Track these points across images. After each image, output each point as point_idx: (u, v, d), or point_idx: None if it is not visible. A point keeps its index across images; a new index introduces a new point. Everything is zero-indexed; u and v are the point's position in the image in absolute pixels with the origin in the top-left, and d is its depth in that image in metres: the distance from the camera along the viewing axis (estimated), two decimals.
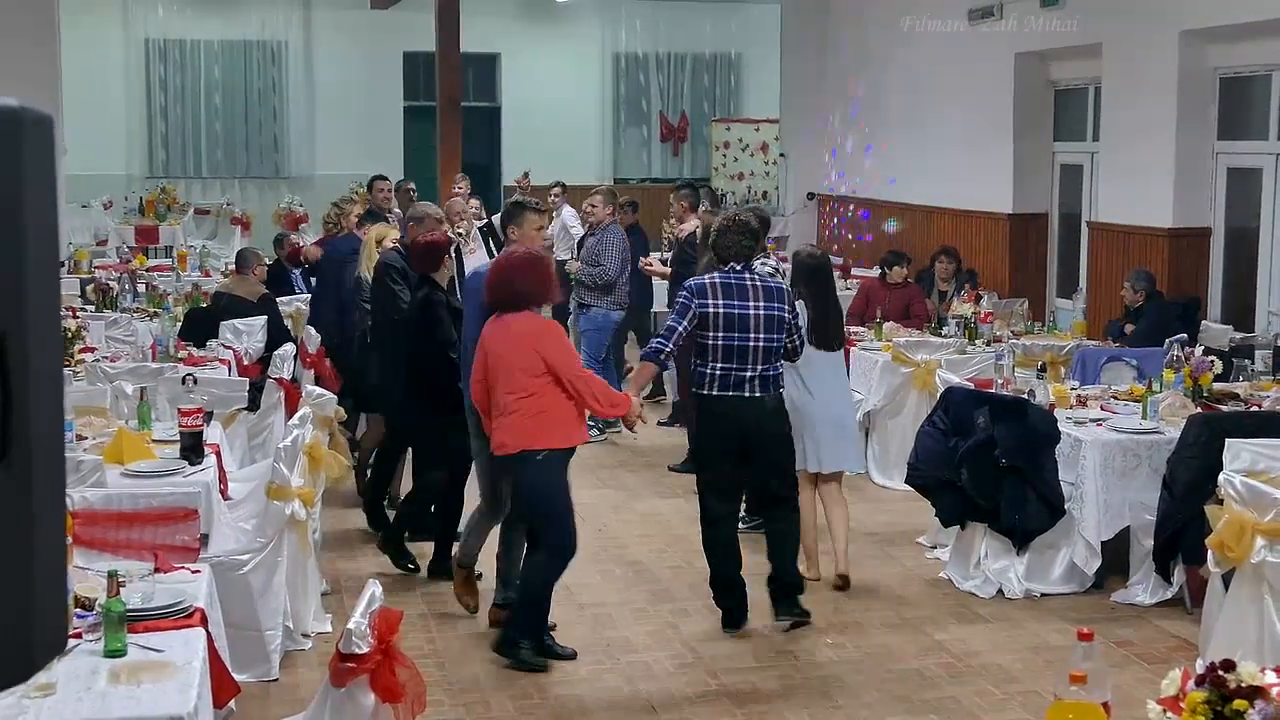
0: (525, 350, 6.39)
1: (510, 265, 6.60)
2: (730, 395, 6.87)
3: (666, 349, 6.90)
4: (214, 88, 22.20)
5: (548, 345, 6.45)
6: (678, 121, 24.10)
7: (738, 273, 6.97)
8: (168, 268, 14.57)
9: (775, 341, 6.91)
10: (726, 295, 6.87)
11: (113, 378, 8.30)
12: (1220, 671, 3.22)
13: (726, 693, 6.32)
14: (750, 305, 6.86)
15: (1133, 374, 9.28)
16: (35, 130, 1.41)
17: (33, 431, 1.42)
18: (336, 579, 7.79)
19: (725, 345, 6.84)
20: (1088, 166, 13.00)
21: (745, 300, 6.87)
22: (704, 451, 7.19)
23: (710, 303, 6.84)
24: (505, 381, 6.43)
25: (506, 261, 6.67)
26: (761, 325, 6.85)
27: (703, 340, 6.89)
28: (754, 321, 6.84)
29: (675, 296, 7.28)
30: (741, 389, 6.88)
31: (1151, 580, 7.43)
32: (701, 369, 6.95)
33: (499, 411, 6.48)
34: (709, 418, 7.03)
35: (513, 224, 7.16)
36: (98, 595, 4.47)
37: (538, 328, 6.52)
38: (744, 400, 6.89)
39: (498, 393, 6.47)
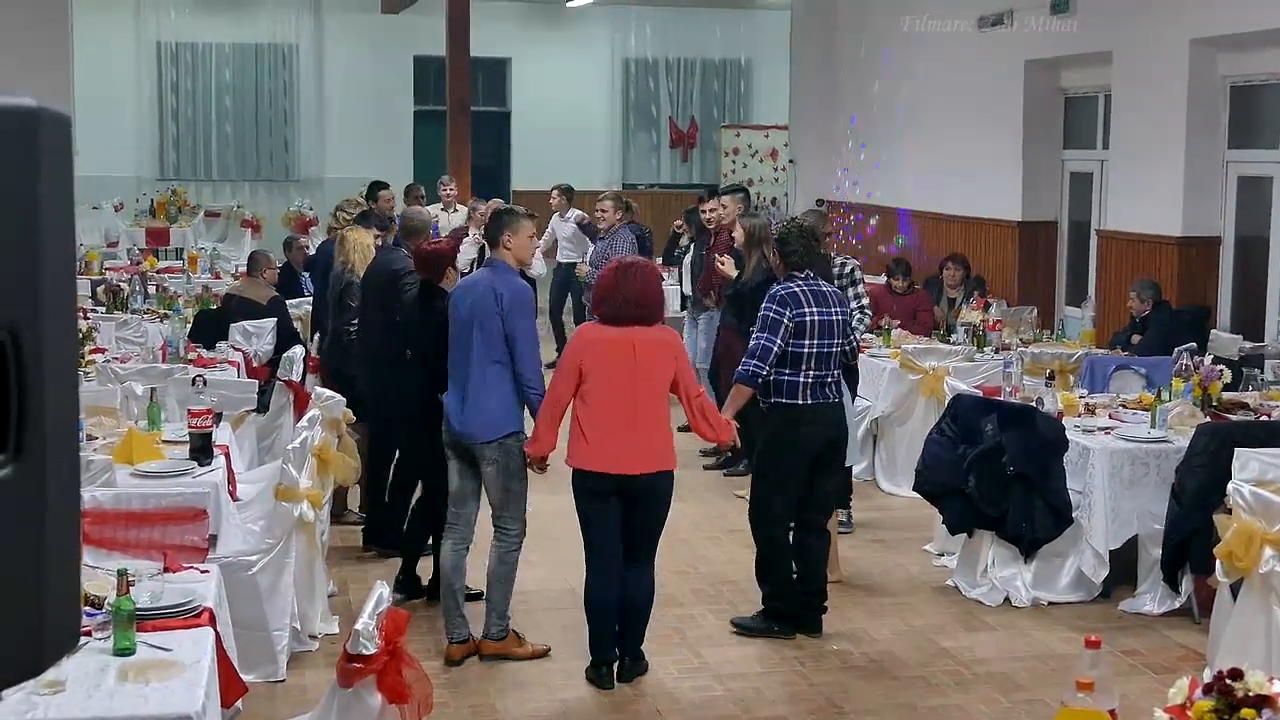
0: (664, 363, 6.25)
1: (637, 276, 6.32)
2: (821, 403, 6.89)
3: (764, 372, 6.81)
4: (225, 90, 22.27)
5: (683, 359, 6.43)
6: (687, 127, 24.12)
7: (813, 279, 7.00)
8: (178, 270, 14.61)
9: (849, 345, 7.11)
10: (817, 302, 6.89)
11: (123, 378, 8.33)
12: (1228, 680, 3.22)
13: (732, 698, 6.32)
14: (831, 311, 6.93)
15: (1141, 383, 9.27)
16: (53, 130, 1.42)
17: (47, 429, 1.43)
18: (344, 580, 7.79)
19: (818, 352, 6.86)
20: (1097, 174, 12.99)
21: (827, 306, 6.93)
22: (785, 461, 7.02)
23: (805, 310, 6.84)
24: (641, 393, 6.20)
25: (633, 271, 6.33)
26: (839, 330, 6.95)
27: (797, 348, 6.82)
28: (836, 327, 6.92)
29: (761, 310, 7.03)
30: (827, 395, 6.96)
31: (1159, 589, 7.42)
32: (791, 378, 6.85)
33: (620, 427, 6.21)
34: (797, 426, 6.91)
35: (507, 231, 6.70)
36: (107, 594, 4.49)
37: (675, 341, 6.47)
38: (830, 405, 6.98)
39: (613, 406, 6.21)
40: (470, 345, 6.52)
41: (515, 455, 6.55)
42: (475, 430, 6.52)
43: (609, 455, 6.23)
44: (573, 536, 8.50)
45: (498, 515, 6.66)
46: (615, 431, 6.21)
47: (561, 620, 7.11)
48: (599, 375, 6.21)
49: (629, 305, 6.22)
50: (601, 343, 6.27)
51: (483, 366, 6.49)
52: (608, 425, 6.21)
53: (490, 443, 6.52)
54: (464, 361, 6.56)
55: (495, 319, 6.47)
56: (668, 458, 6.32)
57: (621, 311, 6.22)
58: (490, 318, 6.46)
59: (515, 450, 6.54)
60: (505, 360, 6.48)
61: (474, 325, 6.51)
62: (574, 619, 7.20)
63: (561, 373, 6.33)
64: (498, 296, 6.46)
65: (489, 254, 6.93)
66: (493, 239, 6.77)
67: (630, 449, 6.22)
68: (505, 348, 6.49)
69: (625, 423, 6.20)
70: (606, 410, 6.21)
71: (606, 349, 6.23)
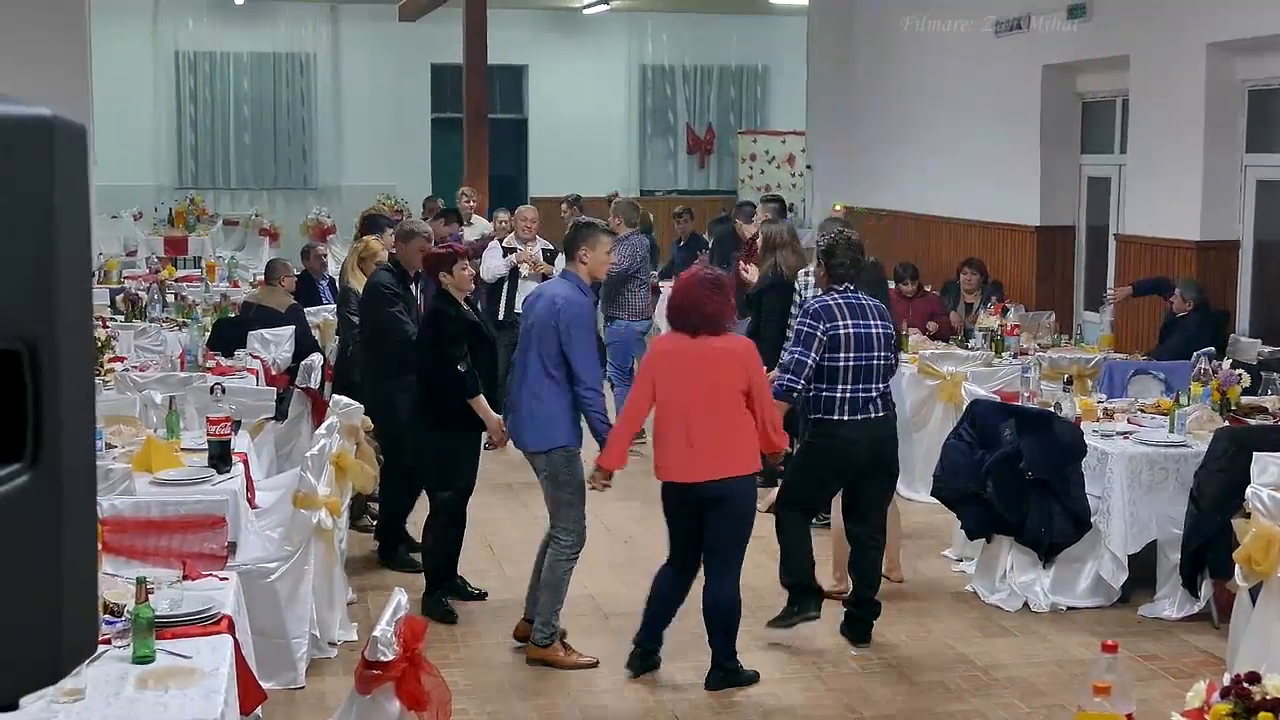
0: (737, 370, 6.27)
1: (712, 285, 6.36)
2: (860, 419, 6.81)
3: (798, 386, 6.79)
4: (243, 99, 22.33)
5: (756, 365, 6.39)
6: (704, 133, 24.11)
7: (853, 292, 6.95)
8: (196, 278, 14.64)
9: (890, 359, 6.96)
10: (854, 315, 6.84)
11: (142, 387, 8.35)
12: (1245, 684, 3.21)
13: (751, 704, 6.32)
14: (871, 324, 6.87)
15: (1160, 387, 9.25)
16: (68, 140, 1.43)
17: (64, 438, 1.44)
18: (363, 587, 7.81)
19: (856, 366, 6.79)
20: (1115, 179, 12.96)
21: (866, 319, 6.86)
22: (814, 473, 7.06)
23: (840, 324, 6.79)
24: (714, 401, 6.24)
25: (702, 281, 6.38)
26: (880, 344, 6.86)
27: (832, 363, 6.77)
28: (876, 340, 6.85)
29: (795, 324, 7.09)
30: (869, 410, 6.85)
31: (1178, 594, 7.40)
32: (828, 393, 6.81)
33: (703, 435, 6.24)
34: (833, 440, 6.87)
35: (584, 245, 6.75)
36: (126, 601, 4.50)
37: (747, 347, 6.48)
38: (871, 421, 6.86)
39: (688, 417, 6.24)
40: (529, 355, 6.61)
41: (563, 467, 6.62)
42: (526, 440, 6.66)
43: (682, 464, 6.28)
44: (593, 545, 8.51)
45: (551, 524, 6.80)
46: (687, 441, 6.24)
47: (581, 627, 7.12)
48: (673, 386, 6.28)
49: (702, 316, 6.27)
50: (674, 354, 6.34)
51: (539, 378, 6.56)
52: (681, 435, 6.25)
53: (539, 453, 6.63)
54: (523, 371, 6.65)
55: (553, 331, 6.52)
56: (741, 465, 6.28)
57: (693, 322, 6.28)
58: (549, 329, 6.53)
59: (562, 462, 6.61)
60: (561, 374, 6.54)
61: (534, 336, 6.59)
62: (593, 625, 7.21)
63: (638, 387, 6.43)
64: (557, 309, 6.52)
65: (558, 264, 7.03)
66: (569, 252, 6.86)
67: (702, 458, 6.24)
68: (561, 362, 6.54)
69: (698, 432, 6.23)
70: (679, 420, 6.25)
71: (679, 359, 6.30)
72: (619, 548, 8.76)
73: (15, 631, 1.40)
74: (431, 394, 7.29)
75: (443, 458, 7.35)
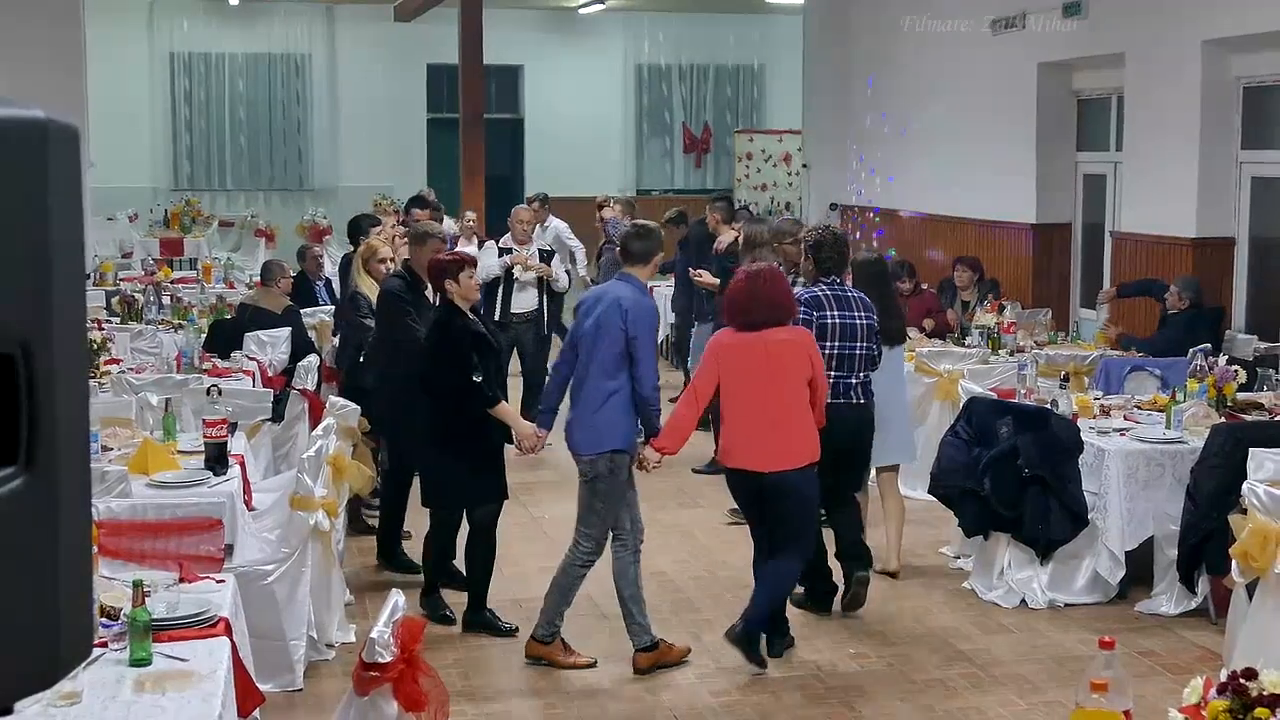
0: (804, 360, 6.56)
1: (768, 283, 6.59)
2: (839, 402, 7.13)
3: None
4: (238, 100, 22.32)
5: (817, 355, 6.70)
6: (700, 133, 24.12)
7: (839, 285, 7.39)
8: (192, 280, 14.63)
9: (872, 350, 7.36)
10: (839, 307, 7.27)
11: (138, 389, 8.35)
12: (1242, 680, 3.22)
13: (750, 703, 6.32)
14: (855, 315, 7.28)
15: (1156, 384, 9.26)
16: (60, 141, 1.43)
17: (59, 441, 1.44)
18: (360, 589, 7.80)
19: (839, 354, 7.19)
20: (1111, 176, 12.97)
21: (849, 311, 7.29)
22: None
23: (827, 314, 7.21)
24: (771, 395, 6.46)
25: (763, 277, 6.61)
26: (863, 335, 7.29)
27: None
28: (859, 331, 7.27)
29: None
30: (850, 396, 7.26)
31: (1176, 590, 7.41)
32: None
33: (765, 426, 6.47)
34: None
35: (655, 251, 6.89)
36: (123, 605, 4.50)
37: (809, 337, 6.77)
38: (851, 406, 7.24)
39: (756, 407, 6.44)
40: (590, 358, 6.57)
41: (605, 473, 6.58)
42: (577, 442, 6.64)
43: (748, 453, 6.54)
44: None
45: (576, 526, 6.72)
46: (754, 431, 6.51)
47: (576, 628, 7.12)
48: (738, 378, 6.51)
49: (763, 309, 6.51)
50: (738, 347, 6.55)
51: (597, 381, 6.56)
52: (747, 425, 6.51)
53: (587, 457, 6.60)
54: (582, 374, 6.62)
55: (619, 335, 6.52)
56: (811, 453, 6.58)
57: (757, 316, 6.50)
58: (615, 332, 6.53)
59: (606, 468, 6.57)
60: (620, 378, 6.54)
61: (595, 338, 6.56)
62: (591, 626, 7.21)
63: (703, 379, 6.61)
64: (623, 312, 6.52)
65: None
66: (634, 255, 6.80)
67: (768, 447, 6.50)
68: (622, 365, 6.53)
69: (765, 422, 6.49)
70: (746, 411, 6.51)
71: (743, 353, 6.52)
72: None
73: (10, 635, 1.39)
74: (441, 409, 7.01)
75: (464, 474, 7.06)
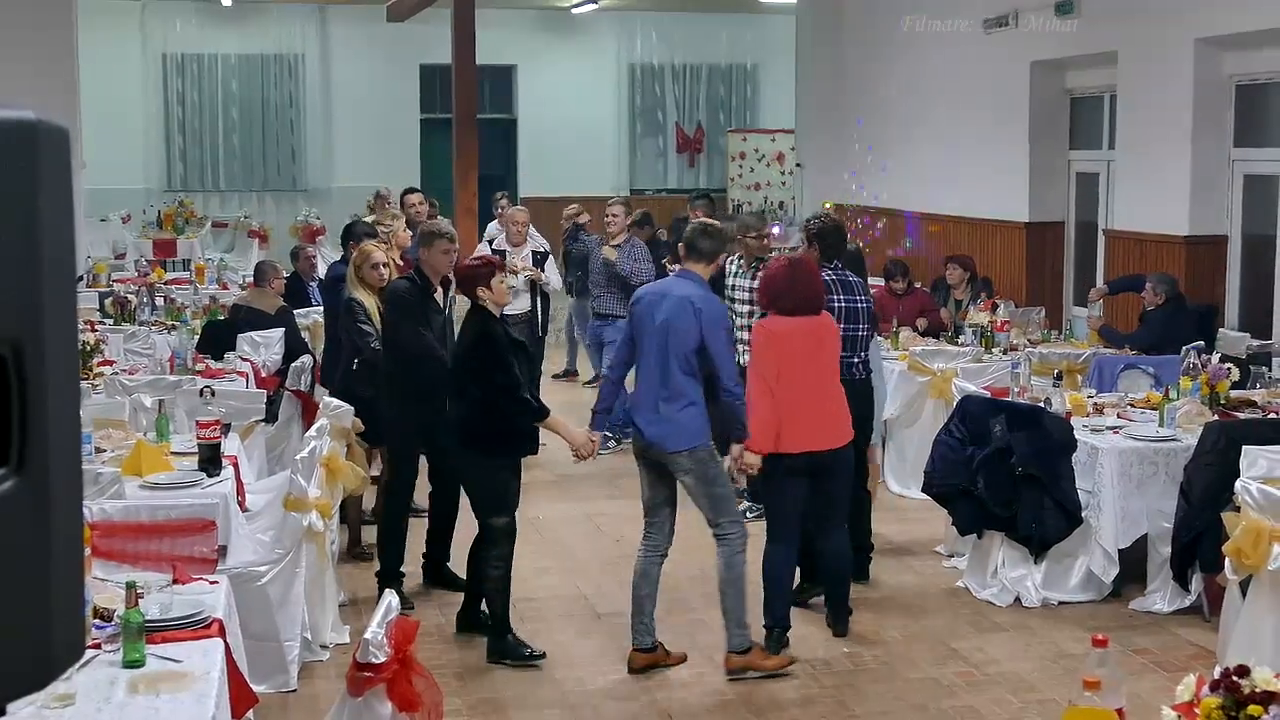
0: (838, 343, 7.01)
1: (807, 270, 6.91)
2: (845, 379, 7.31)
3: None
4: (231, 101, 22.32)
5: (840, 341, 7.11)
6: (694, 132, 24.13)
7: (840, 269, 7.71)
8: (186, 281, 14.61)
9: (870, 330, 7.78)
10: (842, 290, 7.59)
11: (131, 390, 8.34)
12: (1234, 677, 3.22)
13: (744, 702, 6.33)
14: (856, 298, 7.63)
15: (1149, 382, 9.26)
16: (51, 143, 1.43)
17: (50, 442, 1.44)
18: (355, 589, 7.80)
19: (845, 335, 7.36)
20: (1104, 175, 12.98)
21: (852, 294, 7.64)
22: None
23: (834, 298, 7.46)
24: (818, 378, 6.79)
25: (804, 267, 6.94)
26: (864, 317, 7.65)
27: None
28: (860, 313, 7.62)
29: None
30: (852, 374, 7.51)
31: (1169, 588, 7.42)
32: None
33: (821, 406, 6.80)
34: None
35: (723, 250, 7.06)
36: (116, 606, 4.50)
37: (835, 326, 7.10)
38: (853, 382, 7.44)
39: (808, 390, 6.74)
40: (665, 355, 6.56)
41: (708, 462, 6.63)
42: (666, 440, 6.60)
43: (811, 435, 6.76)
44: (583, 543, 8.53)
45: (713, 523, 6.70)
46: (813, 413, 6.77)
47: (574, 627, 7.12)
48: (794, 363, 6.73)
49: (804, 298, 6.79)
50: (785, 334, 6.74)
51: (679, 378, 6.56)
52: (808, 408, 6.74)
53: (680, 453, 6.58)
54: (658, 371, 6.59)
55: (693, 331, 6.53)
56: (850, 430, 6.95)
57: (799, 304, 6.75)
58: (689, 329, 6.54)
59: (708, 457, 6.63)
60: (696, 372, 6.58)
61: (669, 335, 6.56)
62: (587, 626, 7.21)
63: (766, 365, 6.72)
64: (695, 310, 6.54)
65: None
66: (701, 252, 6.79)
67: (826, 427, 6.81)
68: (697, 360, 6.56)
69: (821, 402, 6.79)
70: (804, 394, 6.73)
71: (790, 339, 6.74)
72: (610, 546, 8.76)
73: (2, 637, 1.39)
74: (482, 421, 6.78)
75: (498, 484, 6.90)
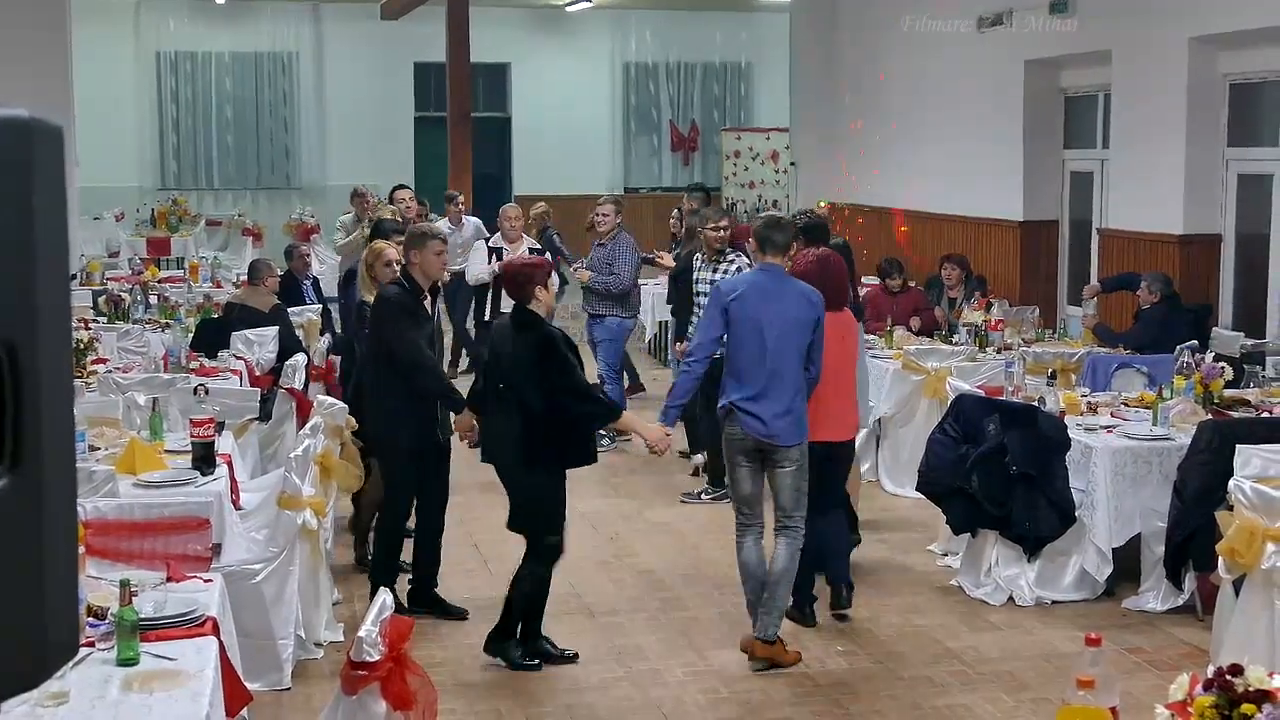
0: (853, 340, 7.25)
1: (837, 266, 7.19)
2: None
3: None
4: (225, 99, 22.29)
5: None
6: (688, 130, 24.13)
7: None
8: (179, 279, 14.58)
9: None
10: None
11: (125, 389, 8.33)
12: (1228, 676, 3.23)
13: (738, 700, 6.33)
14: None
15: (1143, 381, 9.27)
16: (45, 141, 1.43)
17: (44, 441, 1.44)
18: (349, 588, 7.80)
19: None
20: (1098, 173, 13.00)
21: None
22: None
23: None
24: (837, 371, 6.97)
25: (833, 263, 7.19)
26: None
27: None
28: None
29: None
30: None
31: (1163, 587, 7.42)
32: None
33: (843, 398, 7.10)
34: None
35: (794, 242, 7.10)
36: (110, 604, 4.49)
37: (856, 322, 7.43)
38: None
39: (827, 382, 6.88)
40: (788, 349, 6.61)
41: (805, 456, 6.75)
42: (788, 434, 6.64)
43: (834, 425, 7.05)
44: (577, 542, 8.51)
45: (789, 515, 6.75)
46: (837, 403, 7.05)
47: (568, 626, 7.12)
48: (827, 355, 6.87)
49: (834, 291, 6.99)
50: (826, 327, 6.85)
51: (795, 371, 6.66)
52: (833, 398, 7.00)
53: (794, 446, 6.68)
54: (779, 365, 6.60)
55: (812, 326, 6.64)
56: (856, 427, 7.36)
57: (828, 299, 6.82)
58: (810, 322, 6.65)
59: (802, 454, 6.74)
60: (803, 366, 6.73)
61: (793, 330, 6.60)
62: (580, 624, 7.21)
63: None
64: (814, 304, 6.65)
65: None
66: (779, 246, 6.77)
67: (845, 418, 7.15)
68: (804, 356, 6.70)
69: (831, 396, 6.98)
70: (831, 385, 6.94)
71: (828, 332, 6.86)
72: (605, 545, 8.76)
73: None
74: (548, 434, 6.48)
75: (559, 500, 6.69)
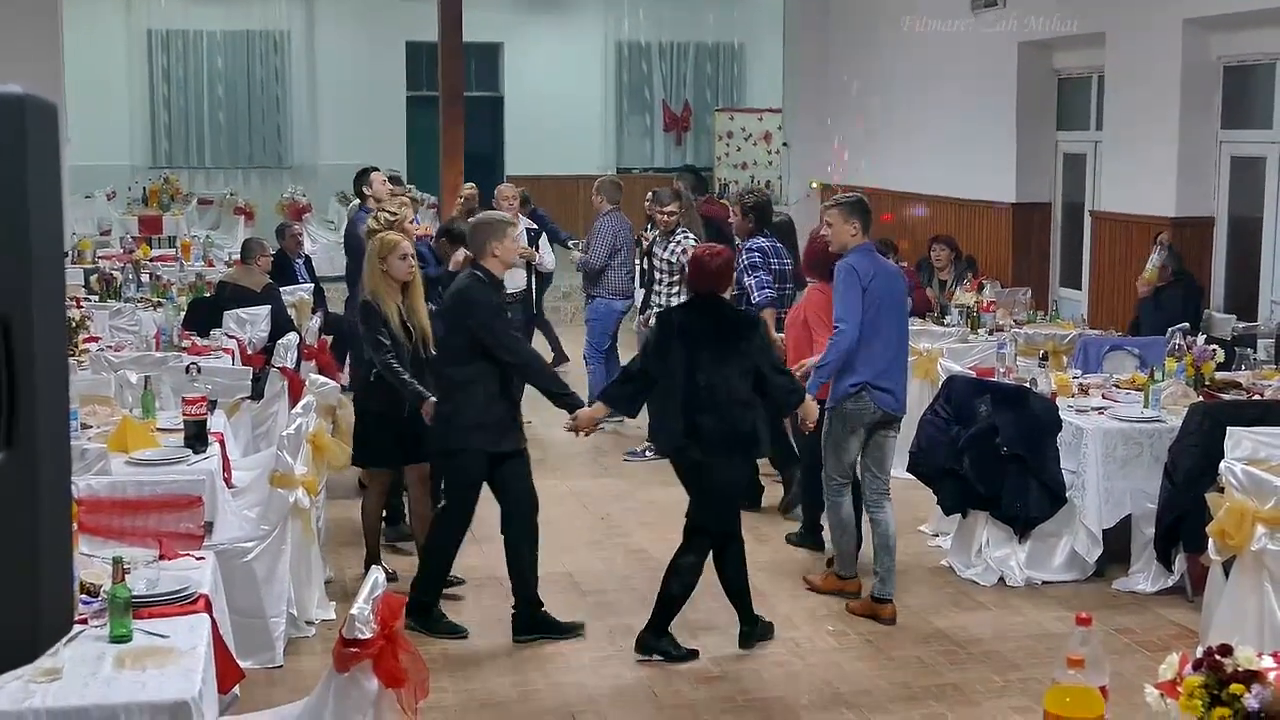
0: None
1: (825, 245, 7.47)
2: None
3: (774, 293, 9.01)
4: (217, 78, 22.20)
5: None
6: (681, 111, 24.08)
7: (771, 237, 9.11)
8: (171, 258, 14.57)
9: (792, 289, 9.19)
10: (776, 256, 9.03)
11: (117, 367, 8.32)
12: (1217, 656, 3.24)
13: (728, 678, 6.34)
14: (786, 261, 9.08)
15: (1134, 363, 9.29)
16: (39, 118, 1.43)
17: (38, 418, 1.44)
18: (341, 566, 7.80)
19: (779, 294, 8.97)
20: (1091, 156, 12.99)
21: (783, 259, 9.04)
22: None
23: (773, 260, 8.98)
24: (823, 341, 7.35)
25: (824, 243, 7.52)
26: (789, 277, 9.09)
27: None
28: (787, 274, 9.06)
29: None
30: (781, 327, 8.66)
31: (1153, 568, 7.45)
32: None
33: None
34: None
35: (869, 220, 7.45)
36: (103, 582, 4.50)
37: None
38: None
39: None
40: (901, 326, 7.25)
41: None
42: (900, 406, 7.23)
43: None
44: (569, 522, 8.53)
45: (888, 480, 7.27)
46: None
47: (559, 606, 7.12)
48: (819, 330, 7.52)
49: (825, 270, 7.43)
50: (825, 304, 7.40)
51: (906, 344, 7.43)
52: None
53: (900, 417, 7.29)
54: (900, 341, 7.23)
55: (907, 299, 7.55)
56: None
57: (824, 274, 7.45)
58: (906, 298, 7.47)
59: None
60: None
61: (903, 306, 7.32)
62: (572, 602, 7.22)
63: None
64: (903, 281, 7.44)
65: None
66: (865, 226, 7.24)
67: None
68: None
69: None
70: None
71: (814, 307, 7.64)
72: (596, 524, 8.78)
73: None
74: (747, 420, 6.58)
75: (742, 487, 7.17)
